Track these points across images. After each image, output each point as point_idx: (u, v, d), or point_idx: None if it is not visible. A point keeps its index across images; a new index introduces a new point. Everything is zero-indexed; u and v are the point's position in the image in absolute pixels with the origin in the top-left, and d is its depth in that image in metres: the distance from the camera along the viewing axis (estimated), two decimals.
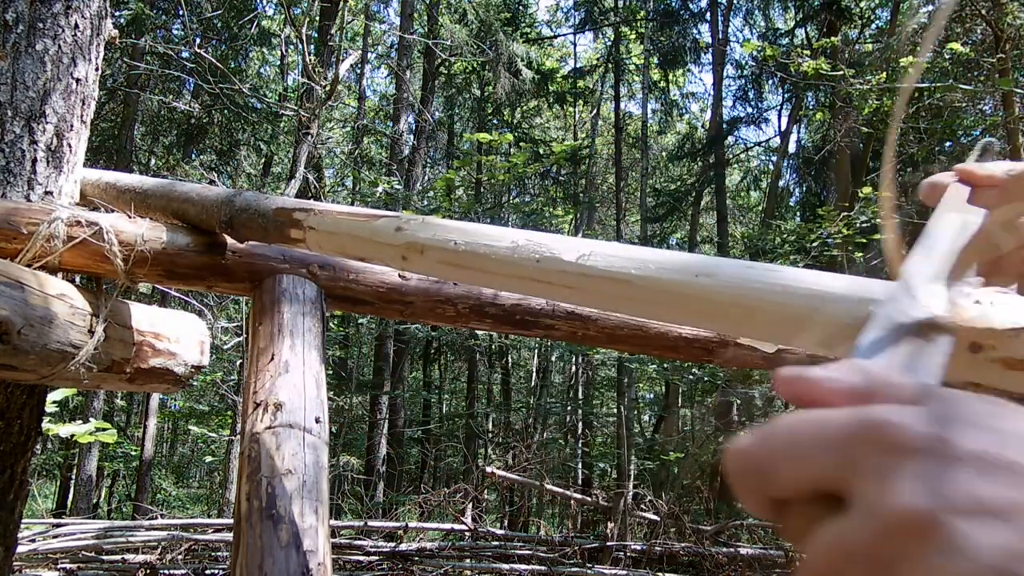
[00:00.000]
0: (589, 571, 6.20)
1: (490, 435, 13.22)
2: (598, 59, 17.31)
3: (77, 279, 1.46)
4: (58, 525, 6.21)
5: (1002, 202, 0.61)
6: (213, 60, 7.18)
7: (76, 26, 1.55)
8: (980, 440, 0.26)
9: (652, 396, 17.45)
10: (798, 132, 15.47)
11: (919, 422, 0.27)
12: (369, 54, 14.16)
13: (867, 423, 0.27)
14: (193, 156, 11.61)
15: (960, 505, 0.25)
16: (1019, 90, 7.36)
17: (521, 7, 15.75)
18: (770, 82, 14.66)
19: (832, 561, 0.26)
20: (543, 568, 6.25)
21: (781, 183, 14.31)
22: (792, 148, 14.91)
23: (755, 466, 0.29)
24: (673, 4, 15.08)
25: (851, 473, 0.27)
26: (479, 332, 10.32)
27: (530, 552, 6.46)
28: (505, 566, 6.28)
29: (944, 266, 0.57)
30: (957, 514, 0.24)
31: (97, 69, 1.63)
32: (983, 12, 7.90)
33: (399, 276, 1.63)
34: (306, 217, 1.16)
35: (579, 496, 8.30)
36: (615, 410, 11.95)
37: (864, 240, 7.13)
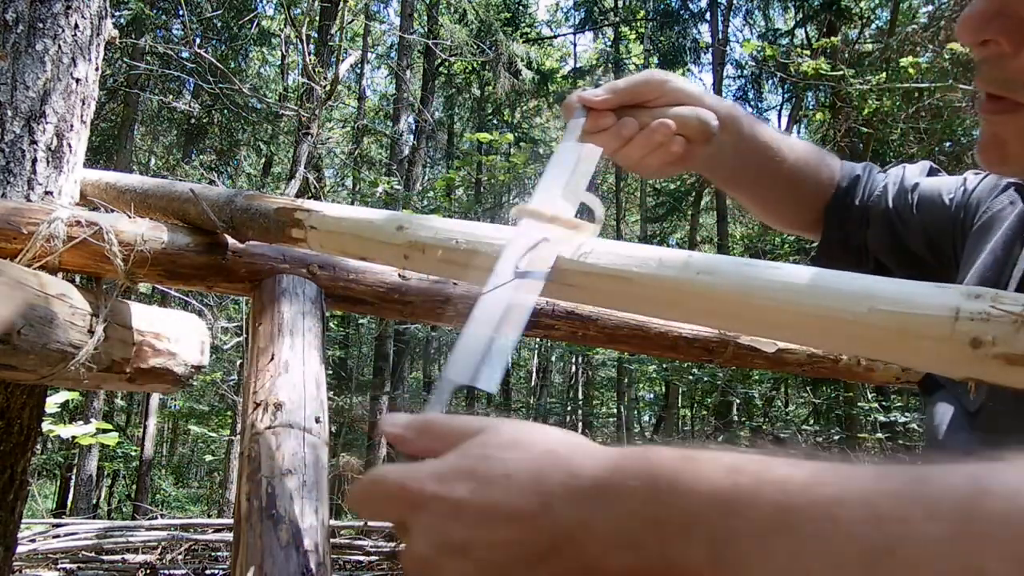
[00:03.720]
0: None
1: None
2: (598, 59, 17.31)
3: (77, 279, 1.46)
4: (58, 525, 6.20)
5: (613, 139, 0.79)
6: (213, 60, 7.18)
7: (76, 26, 1.55)
8: (462, 489, 0.38)
9: (652, 396, 17.43)
10: (798, 132, 15.46)
11: (428, 481, 0.39)
12: (369, 54, 14.15)
13: (399, 487, 0.40)
14: (193, 156, 11.61)
15: (440, 545, 0.38)
16: None
17: (521, 7, 15.74)
18: (770, 82, 14.65)
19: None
20: None
21: None
22: None
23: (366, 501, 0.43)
24: (673, 4, 15.07)
25: (399, 520, 0.41)
26: None
27: None
28: None
29: (567, 188, 0.75)
30: (439, 552, 0.38)
31: (97, 69, 1.63)
32: None
33: (399, 276, 1.63)
34: (308, 216, 1.16)
35: None
36: (615, 410, 11.94)
37: None
